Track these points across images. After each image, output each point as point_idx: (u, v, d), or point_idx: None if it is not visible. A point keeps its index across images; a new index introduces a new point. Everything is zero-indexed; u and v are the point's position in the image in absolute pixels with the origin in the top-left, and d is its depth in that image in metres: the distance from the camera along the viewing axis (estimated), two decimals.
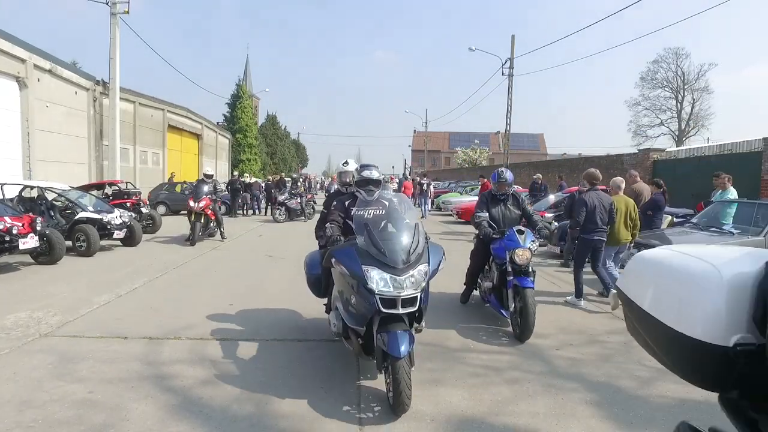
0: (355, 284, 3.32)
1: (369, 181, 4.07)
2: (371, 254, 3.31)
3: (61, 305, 5.72)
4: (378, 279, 3.20)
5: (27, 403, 3.28)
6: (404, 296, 3.20)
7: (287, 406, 3.32)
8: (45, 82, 15.81)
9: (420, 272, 3.32)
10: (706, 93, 46.15)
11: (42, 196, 10.14)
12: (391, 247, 3.34)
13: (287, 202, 17.04)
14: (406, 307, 3.23)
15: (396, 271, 3.25)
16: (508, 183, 5.45)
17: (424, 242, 3.55)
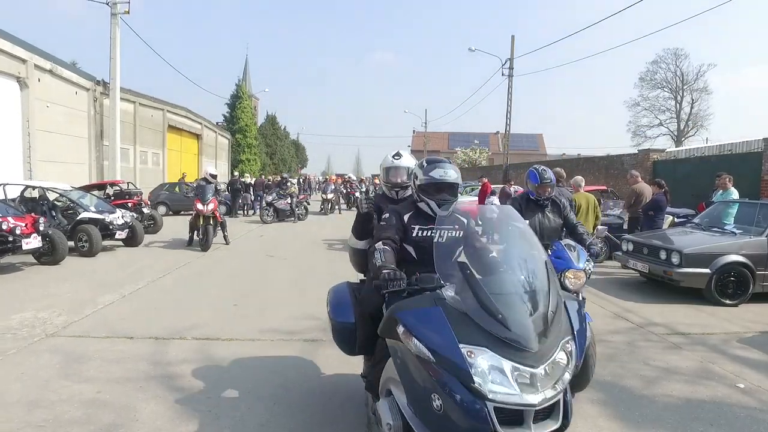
0: (443, 377, 1.89)
1: (442, 187, 2.60)
2: (475, 321, 1.93)
3: (66, 305, 5.72)
4: (492, 371, 1.83)
5: (36, 402, 3.29)
6: (540, 404, 1.83)
7: (296, 406, 3.34)
8: (45, 82, 15.79)
9: (564, 355, 1.95)
10: (705, 93, 46.28)
11: (44, 196, 10.14)
12: (511, 310, 1.95)
13: (275, 203, 16.43)
14: (541, 422, 1.89)
15: (526, 356, 1.85)
16: (551, 184, 4.29)
17: (558, 292, 2.14)
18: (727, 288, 6.32)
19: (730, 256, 6.29)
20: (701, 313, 5.94)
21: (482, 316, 1.93)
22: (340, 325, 2.92)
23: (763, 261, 6.33)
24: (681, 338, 4.98)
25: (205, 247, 10.10)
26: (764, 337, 5.11)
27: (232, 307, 5.80)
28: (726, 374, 4.04)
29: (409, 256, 2.64)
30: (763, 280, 6.35)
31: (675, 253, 6.44)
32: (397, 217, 2.68)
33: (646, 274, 7.16)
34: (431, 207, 2.62)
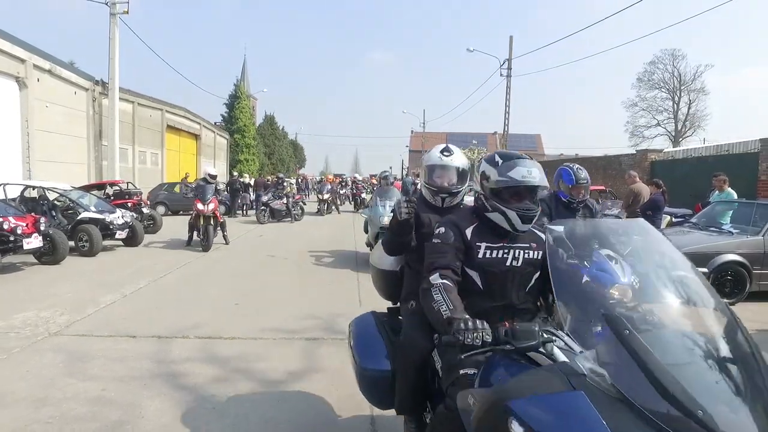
0: None
1: (523, 192, 1.93)
2: (649, 416, 1.16)
3: (68, 305, 5.75)
4: None
5: (42, 400, 3.32)
6: None
7: (300, 404, 3.38)
8: (44, 82, 15.79)
9: None
10: (703, 94, 46.48)
11: (44, 196, 10.16)
12: (713, 396, 1.19)
13: (271, 203, 16.23)
14: None
15: None
16: (587, 185, 3.88)
17: None
18: (725, 287, 6.38)
19: (728, 256, 6.35)
20: None
21: (663, 411, 1.14)
22: (370, 373, 2.30)
23: (759, 260, 6.40)
24: None
25: (206, 247, 10.08)
26: (761, 335, 5.16)
27: (233, 306, 5.84)
28: None
29: (472, 285, 1.95)
30: (759, 279, 6.42)
31: None
32: (456, 233, 1.96)
33: None
34: (510, 220, 1.88)
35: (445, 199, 2.47)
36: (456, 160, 2.48)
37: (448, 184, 2.46)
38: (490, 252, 1.95)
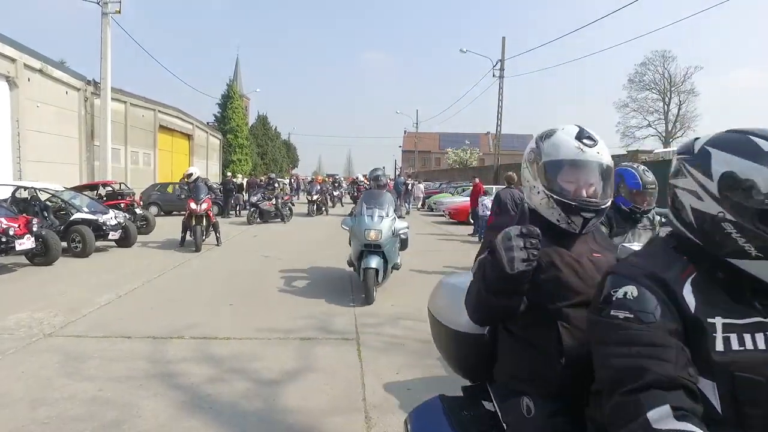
0: None
1: None
2: None
3: (62, 306, 5.75)
4: None
5: (39, 400, 3.34)
6: None
7: (294, 402, 3.43)
8: (35, 82, 15.70)
9: None
10: (692, 95, 47.05)
11: (35, 197, 10.10)
12: None
13: (260, 204, 15.93)
14: None
15: None
16: (654, 191, 3.11)
17: None
18: None
19: None
20: None
21: None
22: None
23: None
24: None
25: (197, 247, 10.07)
26: None
27: (227, 307, 5.87)
28: None
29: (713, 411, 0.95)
30: None
31: None
32: (663, 300, 1.00)
33: None
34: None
35: (589, 221, 1.43)
36: (603, 154, 1.47)
37: (592, 193, 1.44)
38: (737, 338, 0.96)
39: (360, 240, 6.17)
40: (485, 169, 33.06)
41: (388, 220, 6.32)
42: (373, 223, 6.19)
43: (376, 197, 6.65)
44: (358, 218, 6.39)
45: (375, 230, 6.10)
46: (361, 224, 6.23)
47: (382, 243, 6.09)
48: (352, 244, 6.51)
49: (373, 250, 6.13)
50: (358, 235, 6.21)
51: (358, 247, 6.24)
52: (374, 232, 6.08)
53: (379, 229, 6.12)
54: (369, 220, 6.24)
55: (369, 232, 6.09)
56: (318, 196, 19.88)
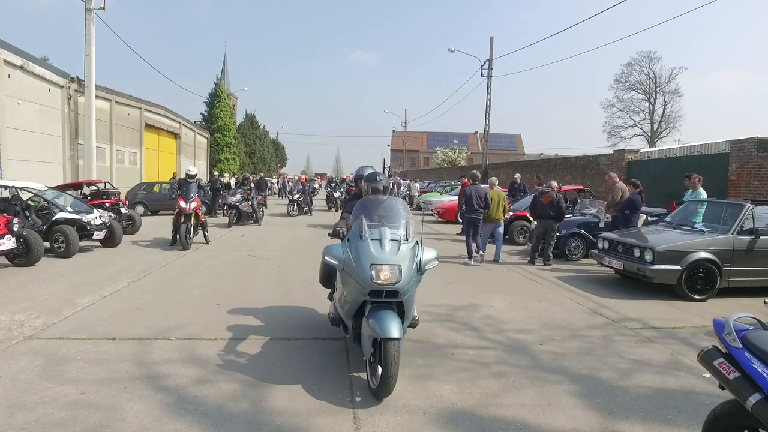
0: None
1: None
2: None
3: (44, 307, 5.63)
4: None
5: (18, 405, 3.25)
6: None
7: (281, 403, 3.38)
8: (16, 79, 15.35)
9: None
10: (677, 96, 47.78)
11: (17, 196, 9.88)
12: None
13: (239, 205, 15.14)
14: None
15: None
16: None
17: None
18: (696, 284, 6.60)
19: (699, 253, 6.56)
20: (672, 308, 6.18)
21: None
22: None
23: (729, 257, 6.62)
24: (653, 332, 5.19)
25: (186, 245, 10.06)
26: None
27: (214, 307, 5.79)
28: (694, 365, 4.24)
29: None
30: (729, 275, 6.65)
31: (648, 251, 6.69)
32: None
33: (620, 271, 7.41)
34: None
35: None
36: None
37: None
38: None
39: (362, 284, 3.55)
40: (474, 168, 33.19)
41: (407, 246, 3.74)
42: (386, 254, 3.62)
43: (380, 208, 4.12)
44: (356, 245, 3.74)
45: (390, 266, 3.56)
46: (364, 256, 3.63)
47: (401, 288, 3.54)
48: (344, 288, 3.88)
49: (385, 300, 3.59)
50: (358, 275, 3.57)
51: (356, 295, 3.65)
52: (389, 270, 3.55)
53: (397, 264, 3.58)
54: (377, 248, 3.67)
55: (380, 270, 3.54)
56: (299, 195, 19.61)
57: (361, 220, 3.84)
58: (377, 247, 3.67)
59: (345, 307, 3.85)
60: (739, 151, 10.94)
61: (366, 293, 3.55)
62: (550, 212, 9.08)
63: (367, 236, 3.73)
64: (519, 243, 11.80)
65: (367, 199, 4.26)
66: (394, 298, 3.58)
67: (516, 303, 6.26)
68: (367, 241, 3.71)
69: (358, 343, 3.78)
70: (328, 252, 3.81)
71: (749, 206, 6.89)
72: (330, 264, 3.79)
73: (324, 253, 3.83)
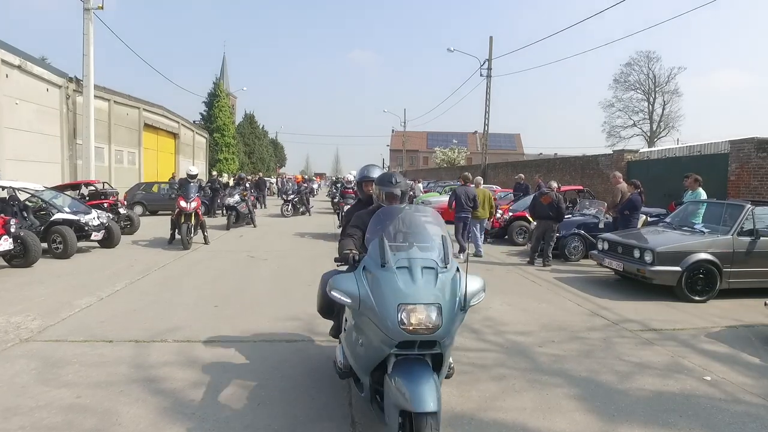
0: None
1: None
2: None
3: (41, 309, 5.59)
4: None
5: (12, 409, 3.22)
6: None
7: (280, 407, 3.35)
8: (14, 79, 15.31)
9: None
10: (676, 95, 47.80)
11: (14, 196, 9.83)
12: None
13: (237, 207, 14.64)
14: None
15: None
16: None
17: None
18: (696, 285, 6.57)
19: (699, 255, 6.54)
20: (672, 310, 6.16)
21: None
22: None
23: (729, 259, 6.60)
24: (653, 334, 5.16)
25: (186, 245, 10.15)
26: (730, 331, 5.34)
27: (212, 309, 5.76)
28: (694, 368, 4.22)
29: None
30: (729, 277, 6.62)
31: (648, 252, 6.66)
32: None
33: (620, 272, 7.38)
34: None
35: None
36: None
37: None
38: None
39: (387, 331, 2.54)
40: (473, 168, 33.19)
41: (447, 276, 2.72)
42: (419, 289, 2.61)
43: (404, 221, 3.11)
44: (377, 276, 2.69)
45: (426, 306, 2.56)
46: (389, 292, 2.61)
47: (441, 336, 2.58)
48: (357, 334, 2.86)
49: (418, 353, 2.65)
50: (382, 320, 2.56)
51: (378, 346, 2.65)
52: (424, 312, 2.54)
53: (435, 303, 2.58)
54: (406, 280, 2.65)
55: (412, 312, 2.54)
56: (294, 195, 19.46)
57: (382, 240, 2.76)
58: (406, 278, 2.62)
59: (359, 360, 2.84)
60: (738, 152, 10.92)
61: (392, 345, 2.53)
62: (550, 213, 9.06)
63: (392, 263, 2.67)
64: (518, 243, 11.78)
65: (386, 211, 3.16)
66: (429, 350, 2.60)
67: (515, 304, 6.24)
68: (392, 270, 2.64)
69: (378, 404, 2.81)
70: (335, 285, 2.71)
71: (749, 207, 6.87)
72: (339, 301, 2.73)
73: (328, 285, 2.76)
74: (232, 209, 14.63)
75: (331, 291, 2.74)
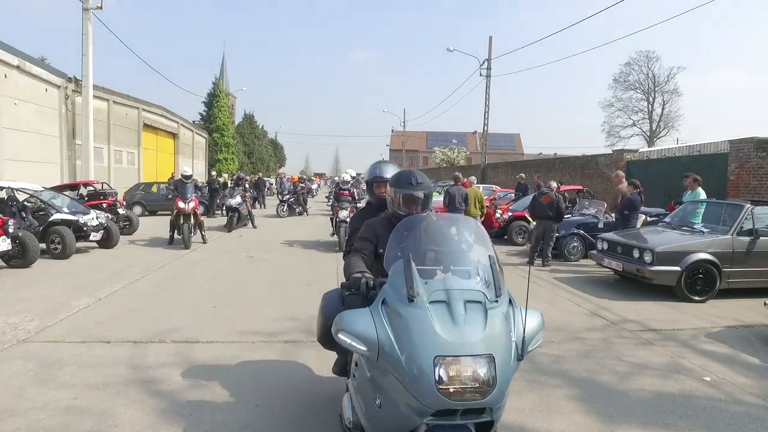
0: None
1: None
2: None
3: (38, 310, 5.57)
4: None
5: (9, 411, 3.20)
6: None
7: (278, 409, 3.34)
8: (13, 79, 15.29)
9: None
10: (676, 95, 47.80)
11: (13, 197, 9.81)
12: None
13: (240, 208, 14.15)
14: None
15: None
16: None
17: None
18: (696, 285, 6.56)
19: (699, 254, 6.53)
20: (672, 310, 6.15)
21: None
22: None
23: (728, 258, 6.59)
24: (653, 334, 5.15)
25: (188, 244, 10.29)
26: (729, 331, 5.33)
27: (211, 309, 5.75)
28: (694, 368, 4.21)
29: None
30: (728, 276, 6.61)
31: (647, 252, 6.65)
32: None
33: (620, 272, 7.37)
34: None
35: None
36: None
37: None
38: None
39: (419, 396, 1.83)
40: (472, 168, 33.16)
41: (499, 313, 2.07)
42: (463, 333, 1.90)
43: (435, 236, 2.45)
44: (404, 314, 1.96)
45: (474, 358, 1.85)
46: (420, 339, 1.88)
47: (495, 402, 1.88)
48: (375, 391, 2.08)
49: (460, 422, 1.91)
50: (412, 380, 1.83)
51: (405, 413, 1.92)
52: (472, 366, 1.84)
53: (486, 354, 1.87)
54: (444, 320, 1.93)
55: (453, 366, 1.83)
56: (290, 196, 19.35)
57: (408, 263, 2.04)
58: (444, 318, 1.92)
59: (376, 425, 2.09)
60: (738, 151, 10.91)
61: (426, 414, 1.84)
62: (550, 212, 9.05)
63: (424, 296, 1.97)
64: (518, 243, 11.77)
65: (409, 223, 2.39)
66: (476, 418, 1.90)
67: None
68: (424, 306, 1.94)
69: None
70: (343, 325, 2.02)
71: (749, 207, 6.86)
72: (349, 348, 2.03)
73: (335, 325, 2.08)
74: (234, 211, 14.04)
75: (338, 333, 2.04)
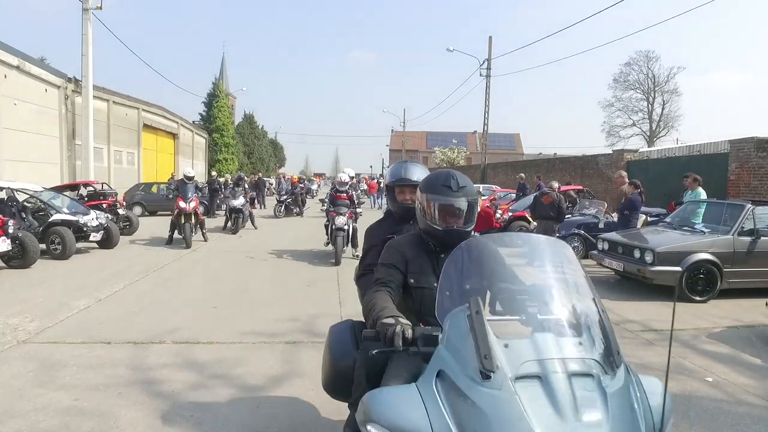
0: None
1: None
2: None
3: (39, 310, 5.57)
4: None
5: (9, 412, 3.20)
6: None
7: (279, 409, 3.33)
8: (12, 79, 15.29)
9: None
10: (675, 95, 47.77)
11: (12, 197, 9.80)
12: None
13: (243, 208, 13.56)
14: None
15: None
16: None
17: None
18: (697, 285, 6.55)
19: (700, 255, 6.52)
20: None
21: None
22: None
23: (729, 259, 6.58)
24: (654, 334, 5.14)
25: (188, 243, 10.40)
26: (731, 331, 5.32)
27: (211, 310, 5.74)
28: (696, 368, 4.21)
29: None
30: (729, 277, 6.60)
31: (648, 252, 6.64)
32: None
33: (621, 273, 7.36)
34: None
35: None
36: None
37: None
38: None
39: None
40: (472, 168, 33.16)
41: (617, 392, 1.34)
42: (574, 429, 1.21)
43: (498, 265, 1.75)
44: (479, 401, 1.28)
45: None
46: None
47: None
48: None
49: None
50: None
51: None
52: None
53: None
54: (545, 410, 1.24)
55: None
56: (287, 196, 19.28)
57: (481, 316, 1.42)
58: (541, 404, 1.28)
59: None
60: (738, 151, 10.91)
61: None
62: (551, 213, 9.04)
63: (507, 371, 1.33)
64: None
65: (471, 249, 1.79)
66: None
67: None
68: (509, 388, 1.30)
69: None
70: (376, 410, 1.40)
71: (750, 207, 6.85)
72: None
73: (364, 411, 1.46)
74: (238, 212, 13.35)
75: (366, 424, 1.41)
